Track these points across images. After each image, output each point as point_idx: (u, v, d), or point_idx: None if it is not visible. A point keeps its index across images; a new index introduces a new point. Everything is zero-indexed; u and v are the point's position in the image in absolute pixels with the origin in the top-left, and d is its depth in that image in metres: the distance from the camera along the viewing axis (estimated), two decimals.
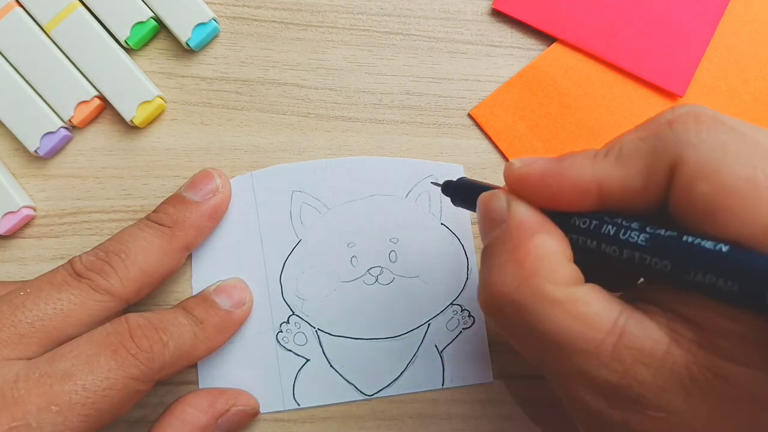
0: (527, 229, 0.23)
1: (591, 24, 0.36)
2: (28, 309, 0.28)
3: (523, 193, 0.24)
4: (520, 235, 0.23)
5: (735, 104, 0.36)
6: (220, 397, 0.32)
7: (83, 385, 0.26)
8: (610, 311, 0.21)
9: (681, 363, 0.20)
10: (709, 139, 0.20)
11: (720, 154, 0.20)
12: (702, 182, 0.20)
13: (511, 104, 0.36)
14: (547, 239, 0.23)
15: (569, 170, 0.23)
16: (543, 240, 0.23)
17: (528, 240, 0.23)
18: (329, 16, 0.36)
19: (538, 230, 0.23)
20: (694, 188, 0.20)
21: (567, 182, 0.23)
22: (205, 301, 0.32)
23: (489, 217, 0.25)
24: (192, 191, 0.32)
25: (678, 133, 0.21)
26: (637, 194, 0.22)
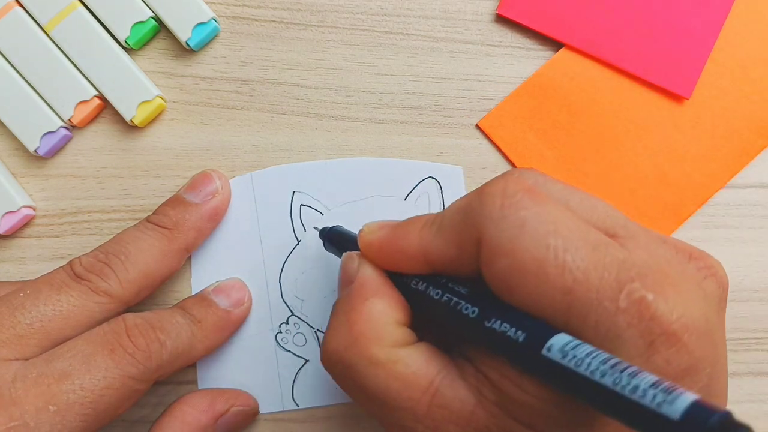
0: (364, 293, 0.25)
1: (595, 28, 0.36)
2: (27, 310, 0.28)
3: (370, 258, 0.26)
4: (356, 299, 0.25)
5: (742, 104, 0.36)
6: (219, 397, 0.32)
7: (81, 384, 0.26)
8: (429, 371, 0.23)
9: (483, 423, 0.22)
10: (510, 216, 0.21)
11: (517, 232, 0.21)
12: (500, 258, 0.21)
13: (519, 114, 0.36)
14: (378, 303, 0.25)
15: (399, 239, 0.25)
16: (374, 304, 0.25)
17: (361, 304, 0.25)
18: (329, 15, 0.36)
19: (373, 294, 0.25)
20: (494, 263, 0.22)
21: (398, 251, 0.25)
22: (203, 300, 0.32)
23: (343, 276, 0.27)
24: (192, 193, 0.32)
25: (483, 207, 0.22)
26: (454, 262, 0.24)
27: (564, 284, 0.20)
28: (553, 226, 0.21)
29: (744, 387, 0.35)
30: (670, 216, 0.35)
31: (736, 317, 0.35)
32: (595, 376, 0.18)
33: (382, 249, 0.26)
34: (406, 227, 0.25)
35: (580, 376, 0.19)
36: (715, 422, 0.16)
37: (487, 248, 0.22)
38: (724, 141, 0.36)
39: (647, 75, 0.35)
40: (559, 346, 0.20)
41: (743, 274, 0.36)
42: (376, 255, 0.26)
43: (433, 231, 0.24)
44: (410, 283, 0.25)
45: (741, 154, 0.36)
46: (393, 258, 0.25)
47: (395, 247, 0.25)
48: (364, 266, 0.26)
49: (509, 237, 0.21)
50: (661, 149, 0.36)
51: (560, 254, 0.20)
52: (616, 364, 0.18)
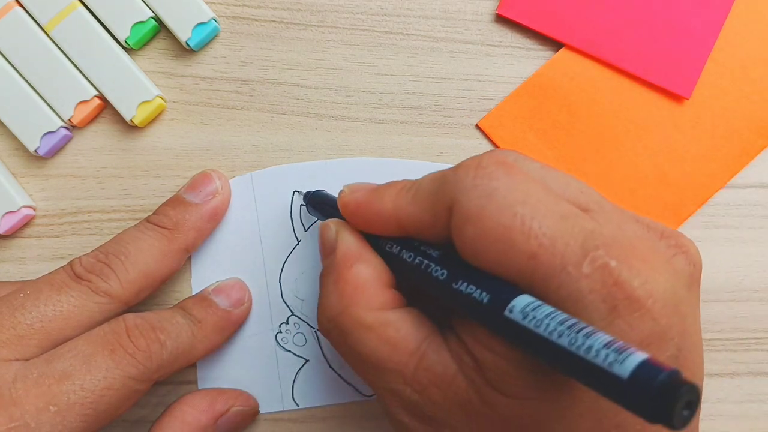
0: (348, 260, 0.26)
1: (595, 28, 0.36)
2: (28, 310, 0.28)
3: (347, 218, 0.27)
4: (341, 266, 0.26)
5: (742, 104, 0.36)
6: (219, 397, 0.32)
7: (81, 385, 0.26)
8: (417, 335, 0.24)
9: (463, 388, 0.23)
10: (481, 185, 0.22)
11: (485, 201, 0.22)
12: (468, 225, 0.22)
13: (519, 114, 0.36)
14: (362, 268, 0.26)
15: (375, 202, 0.26)
16: (359, 270, 0.26)
17: (347, 270, 0.26)
18: (329, 15, 0.36)
19: (356, 260, 0.26)
20: (463, 230, 0.22)
21: (372, 213, 0.26)
22: (203, 300, 0.32)
23: (323, 246, 0.28)
24: (191, 193, 0.32)
25: (457, 177, 0.23)
26: (427, 228, 0.24)
27: (529, 249, 0.21)
28: (522, 195, 0.22)
29: (744, 387, 0.35)
30: (670, 216, 0.35)
31: (736, 317, 0.35)
32: (552, 336, 0.19)
33: (359, 209, 0.26)
34: (382, 191, 0.26)
35: (538, 336, 0.19)
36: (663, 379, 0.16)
37: (458, 215, 0.22)
38: (724, 141, 0.36)
39: (647, 75, 0.35)
40: (521, 307, 0.20)
41: (743, 274, 0.36)
42: (352, 215, 0.27)
43: (408, 197, 0.25)
44: (385, 246, 0.26)
45: (741, 154, 0.36)
46: (368, 219, 0.26)
47: (371, 208, 0.26)
48: (344, 233, 0.27)
49: (478, 205, 0.22)
50: (661, 149, 0.36)
51: (527, 221, 0.21)
52: (573, 325, 0.19)
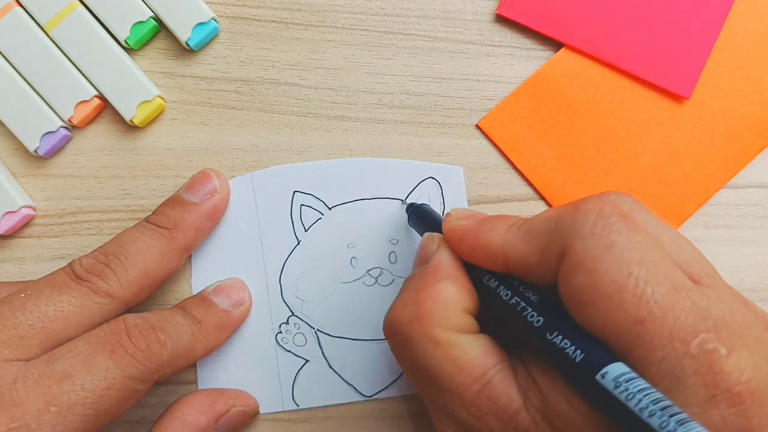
0: (437, 274, 0.26)
1: (595, 28, 0.36)
2: (29, 311, 0.28)
3: (450, 243, 0.27)
4: (429, 278, 0.26)
5: (742, 104, 0.36)
6: (219, 398, 0.32)
7: (82, 385, 0.26)
8: (485, 362, 0.24)
9: (524, 426, 0.22)
10: (601, 235, 0.22)
11: (603, 252, 0.21)
12: (579, 274, 0.22)
13: (519, 114, 0.36)
14: (449, 287, 0.25)
15: (484, 234, 0.25)
16: (445, 287, 0.25)
17: (433, 284, 0.25)
18: (329, 15, 0.36)
19: (445, 277, 0.26)
20: (573, 278, 0.22)
21: (479, 244, 0.25)
22: (203, 300, 0.32)
23: (420, 255, 0.28)
24: (190, 192, 0.32)
25: (576, 222, 0.22)
26: (534, 268, 0.24)
27: (638, 314, 0.20)
28: (640, 255, 0.21)
29: None
30: (671, 216, 0.35)
31: None
32: (643, 414, 0.19)
33: (465, 238, 0.26)
34: (492, 223, 0.26)
35: (627, 410, 0.19)
36: None
37: (570, 262, 0.22)
38: (724, 141, 0.36)
39: (647, 75, 0.35)
40: (614, 375, 0.20)
41: (743, 274, 0.36)
42: (457, 242, 0.27)
43: (519, 234, 0.24)
44: (482, 278, 0.26)
45: (741, 154, 0.36)
46: (473, 250, 0.26)
47: (478, 240, 0.26)
48: (442, 250, 0.27)
49: (594, 255, 0.21)
50: (661, 149, 0.36)
51: (641, 284, 0.21)
52: (667, 407, 0.18)
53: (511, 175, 0.36)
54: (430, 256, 0.27)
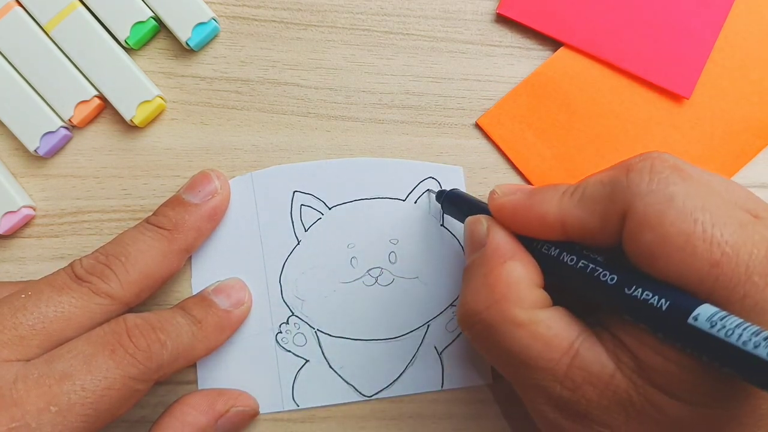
0: (500, 256, 0.26)
1: (596, 28, 0.36)
2: (29, 311, 0.28)
3: (501, 220, 0.27)
4: (493, 261, 0.26)
5: (741, 105, 0.36)
6: (219, 398, 0.32)
7: (82, 385, 0.26)
8: (569, 334, 0.24)
9: (623, 388, 0.22)
10: (659, 190, 0.22)
11: (665, 207, 0.22)
12: (646, 231, 0.22)
13: (518, 112, 0.36)
14: (517, 266, 0.25)
15: (537, 206, 0.25)
16: (513, 267, 0.25)
17: (500, 266, 0.25)
18: (329, 15, 0.36)
19: (510, 257, 0.26)
20: (640, 236, 0.22)
21: (534, 216, 0.25)
22: (203, 300, 0.32)
23: (471, 240, 0.28)
24: (191, 193, 0.32)
25: (631, 182, 0.23)
26: (595, 233, 0.24)
27: (712, 258, 0.21)
28: (700, 201, 0.21)
29: None
30: None
31: None
32: (748, 346, 0.18)
33: (517, 212, 0.26)
34: (544, 193, 0.26)
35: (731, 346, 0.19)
36: None
37: (634, 221, 0.22)
38: (723, 141, 0.36)
39: (647, 75, 0.35)
40: (707, 315, 0.20)
41: None
42: (508, 218, 0.27)
43: (574, 200, 0.24)
44: (541, 248, 0.26)
45: (740, 154, 0.36)
46: (528, 223, 0.26)
47: (532, 212, 0.25)
48: (496, 229, 0.27)
49: (657, 211, 0.22)
50: (659, 149, 0.35)
51: (708, 229, 0.21)
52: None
53: (511, 175, 0.36)
54: (483, 238, 0.27)
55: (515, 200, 0.26)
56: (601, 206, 0.23)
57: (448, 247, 0.35)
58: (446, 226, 0.35)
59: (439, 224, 0.35)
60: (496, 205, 0.27)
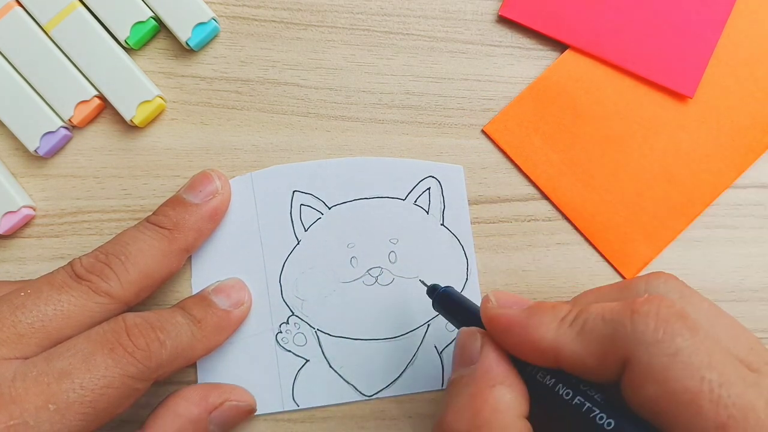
0: (490, 379, 0.24)
1: (598, 28, 0.36)
2: (29, 310, 0.28)
3: (492, 332, 0.26)
4: (482, 383, 0.24)
5: (746, 102, 0.36)
6: (213, 391, 0.32)
7: (81, 383, 0.26)
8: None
9: None
10: (664, 341, 0.21)
11: (671, 360, 0.21)
12: (650, 384, 0.21)
13: (524, 118, 0.36)
14: (506, 393, 0.24)
15: (533, 328, 0.24)
16: (502, 393, 0.24)
17: (488, 390, 0.24)
18: (329, 15, 0.36)
19: (499, 381, 0.24)
20: (642, 387, 0.21)
21: (529, 339, 0.24)
22: (203, 300, 0.32)
23: (462, 354, 0.26)
24: (191, 193, 0.32)
25: (636, 328, 0.22)
26: (590, 370, 0.23)
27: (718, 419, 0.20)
28: (707, 358, 0.21)
29: None
30: (678, 216, 0.35)
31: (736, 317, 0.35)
32: None
33: (511, 330, 0.25)
34: (540, 316, 0.24)
35: None
36: None
37: (636, 372, 0.21)
38: (729, 140, 0.36)
39: (650, 75, 0.35)
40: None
41: (743, 274, 0.36)
42: (501, 333, 0.25)
43: (572, 333, 0.23)
44: (536, 374, 0.24)
45: (747, 152, 0.36)
46: (520, 344, 0.25)
47: (526, 334, 0.24)
48: (489, 349, 0.25)
49: (662, 364, 0.21)
50: (667, 149, 0.36)
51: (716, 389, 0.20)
52: None
53: (511, 175, 0.36)
54: (474, 355, 0.25)
55: (511, 316, 0.25)
56: (601, 346, 0.23)
57: (448, 246, 0.35)
58: (446, 226, 0.35)
59: (439, 224, 0.35)
60: (490, 315, 0.26)
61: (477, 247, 0.35)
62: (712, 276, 0.36)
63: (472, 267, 0.35)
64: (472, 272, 0.35)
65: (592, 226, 0.35)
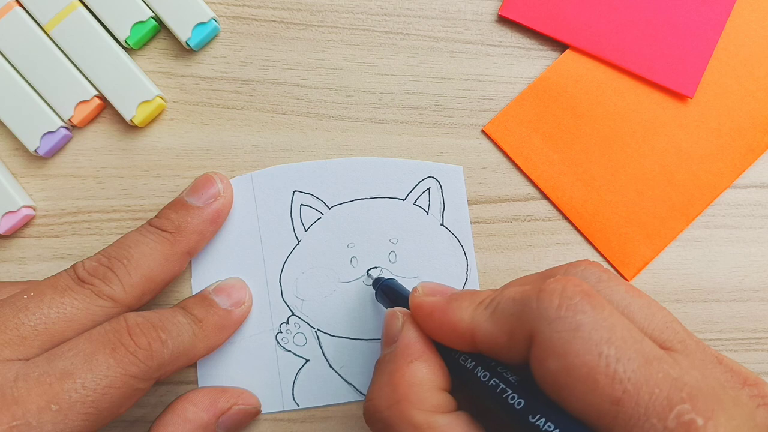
0: (408, 355, 0.25)
1: (598, 29, 0.36)
2: (32, 312, 0.28)
3: (417, 320, 0.27)
4: (401, 360, 0.25)
5: (746, 102, 0.36)
6: (221, 395, 0.32)
7: (83, 383, 0.26)
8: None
9: None
10: (566, 317, 0.22)
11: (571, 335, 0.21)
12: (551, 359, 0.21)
13: (524, 118, 0.36)
14: (422, 367, 0.25)
15: (452, 312, 0.25)
16: (418, 367, 0.25)
17: (405, 366, 0.25)
18: (329, 15, 0.36)
19: (416, 357, 0.25)
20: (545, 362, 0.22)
21: (447, 322, 0.25)
22: (204, 300, 0.32)
23: (386, 334, 0.27)
24: (194, 196, 0.32)
25: (541, 305, 0.22)
26: (503, 349, 0.24)
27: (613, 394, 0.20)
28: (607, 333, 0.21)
29: None
30: (678, 216, 0.35)
31: (736, 317, 0.35)
32: None
33: (432, 316, 0.26)
34: (459, 301, 0.25)
35: None
36: None
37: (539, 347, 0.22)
38: (729, 139, 0.36)
39: (650, 75, 0.35)
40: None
41: (743, 274, 0.36)
42: (424, 319, 0.26)
43: (486, 314, 0.24)
44: (458, 358, 0.25)
45: (747, 152, 0.36)
46: (440, 328, 0.25)
47: (446, 318, 0.25)
48: (408, 327, 0.27)
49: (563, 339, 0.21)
50: (667, 149, 0.36)
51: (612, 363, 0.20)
52: None
53: (511, 175, 0.36)
54: (396, 334, 0.27)
55: (433, 302, 0.26)
56: (510, 324, 0.23)
57: (447, 246, 0.35)
58: (446, 226, 0.35)
59: (439, 223, 0.35)
60: (415, 303, 0.27)
61: (477, 247, 0.35)
62: (711, 276, 0.36)
63: (471, 267, 0.35)
64: (472, 272, 0.35)
65: (592, 226, 0.35)
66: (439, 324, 0.25)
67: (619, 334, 0.21)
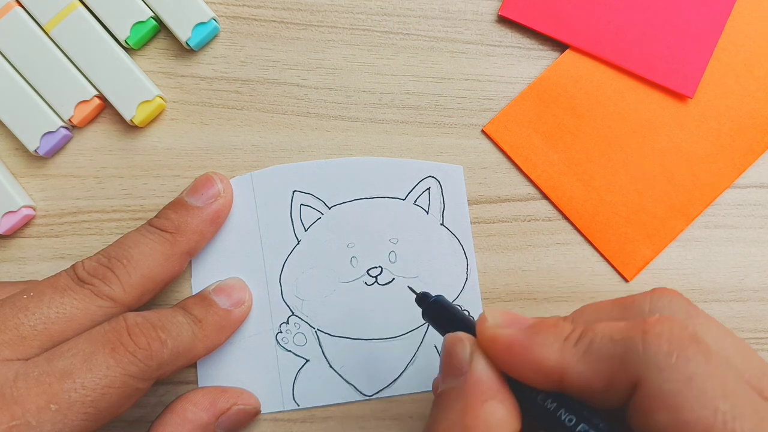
0: (482, 393, 0.23)
1: (598, 28, 0.36)
2: (31, 312, 0.28)
3: (491, 355, 0.24)
4: (473, 398, 0.23)
5: (746, 102, 0.36)
6: (221, 395, 0.32)
7: (82, 383, 0.26)
8: None
9: None
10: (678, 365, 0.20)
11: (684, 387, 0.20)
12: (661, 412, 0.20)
13: (524, 118, 0.36)
14: (498, 409, 0.23)
15: (536, 349, 0.23)
16: (495, 408, 0.23)
17: (479, 405, 0.23)
18: (329, 15, 0.36)
19: (491, 396, 0.23)
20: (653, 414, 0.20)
21: (532, 360, 0.23)
22: (204, 300, 0.32)
23: (450, 363, 0.25)
24: (194, 196, 0.32)
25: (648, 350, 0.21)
26: (596, 393, 0.22)
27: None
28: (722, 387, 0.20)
29: None
30: (678, 216, 0.35)
31: (736, 317, 0.35)
32: None
33: (512, 351, 0.23)
34: (543, 335, 0.23)
35: None
36: None
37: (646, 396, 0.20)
38: (729, 139, 0.36)
39: (650, 75, 0.35)
40: None
41: (743, 274, 0.36)
42: (500, 354, 0.23)
43: (578, 353, 0.22)
44: (536, 397, 0.23)
45: (747, 152, 0.36)
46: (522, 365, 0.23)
47: (529, 354, 0.23)
48: (479, 360, 0.24)
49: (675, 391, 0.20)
50: (667, 149, 0.36)
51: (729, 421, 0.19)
52: None
53: (511, 175, 0.36)
54: (464, 365, 0.24)
55: (511, 336, 0.23)
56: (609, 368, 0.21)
57: (447, 245, 0.35)
58: (446, 226, 0.35)
59: (439, 223, 0.35)
60: (488, 336, 0.24)
61: (477, 247, 0.35)
62: (711, 276, 0.36)
63: (471, 267, 0.35)
64: (472, 272, 0.35)
65: (592, 226, 0.35)
66: (520, 361, 0.23)
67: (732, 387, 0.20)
